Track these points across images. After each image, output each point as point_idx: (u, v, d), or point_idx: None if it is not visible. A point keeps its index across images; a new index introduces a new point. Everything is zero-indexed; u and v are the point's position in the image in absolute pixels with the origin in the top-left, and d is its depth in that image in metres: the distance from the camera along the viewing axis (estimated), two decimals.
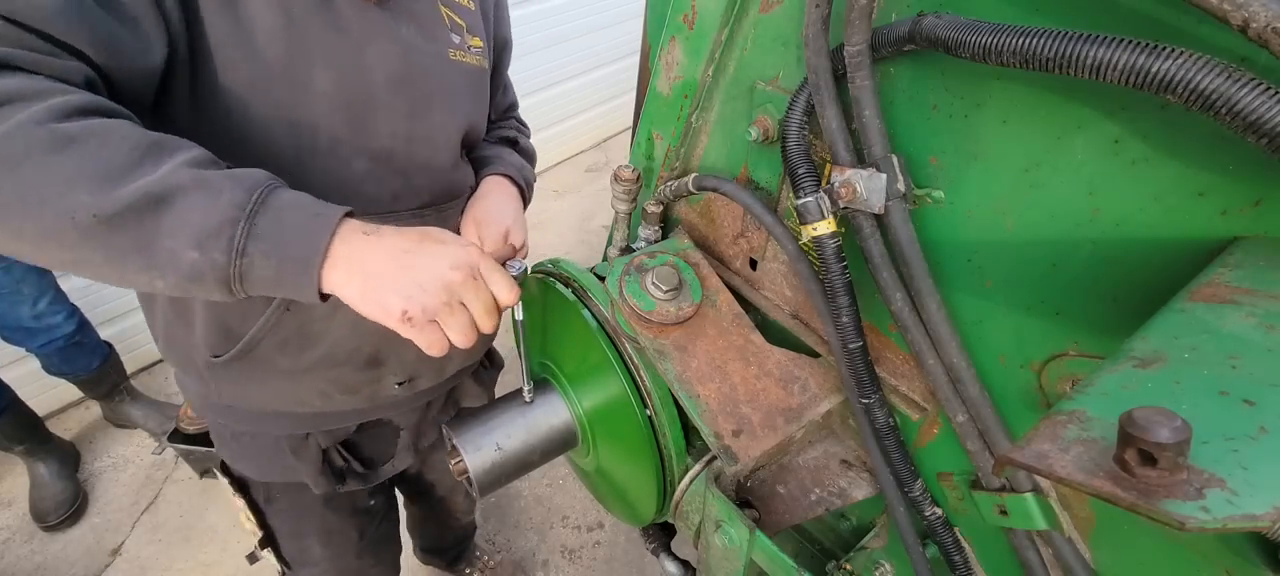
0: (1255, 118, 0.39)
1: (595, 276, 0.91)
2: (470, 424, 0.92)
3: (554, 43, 3.80)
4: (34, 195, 0.54)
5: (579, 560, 2.10)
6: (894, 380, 0.79)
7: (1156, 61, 0.42)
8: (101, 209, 0.55)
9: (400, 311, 0.65)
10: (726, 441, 0.76)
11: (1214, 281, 0.45)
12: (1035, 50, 0.48)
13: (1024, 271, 0.62)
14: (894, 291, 0.67)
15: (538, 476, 2.31)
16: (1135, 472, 0.32)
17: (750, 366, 0.83)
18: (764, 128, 0.80)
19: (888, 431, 0.76)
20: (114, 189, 0.56)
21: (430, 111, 0.90)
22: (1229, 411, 0.35)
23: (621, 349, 0.85)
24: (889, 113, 0.67)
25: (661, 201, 0.95)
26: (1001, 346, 0.66)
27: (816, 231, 0.69)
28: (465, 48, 0.96)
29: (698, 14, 0.82)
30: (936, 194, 0.66)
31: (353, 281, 0.64)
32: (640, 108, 1.02)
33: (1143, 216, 0.53)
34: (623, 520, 1.11)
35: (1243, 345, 0.39)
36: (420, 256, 0.67)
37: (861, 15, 0.60)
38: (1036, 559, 0.70)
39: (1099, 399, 0.38)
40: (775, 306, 0.91)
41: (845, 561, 0.92)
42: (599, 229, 3.59)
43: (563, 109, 4.09)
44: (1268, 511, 0.29)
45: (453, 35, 0.94)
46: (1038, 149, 0.57)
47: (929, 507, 0.77)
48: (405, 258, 0.67)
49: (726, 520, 0.81)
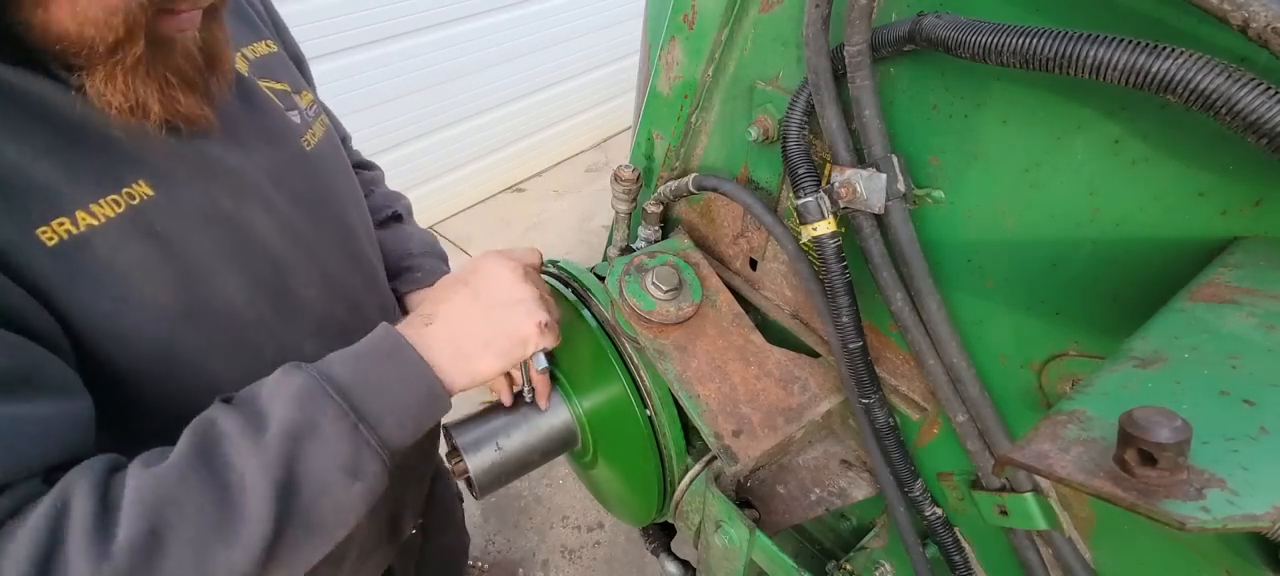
0: (1255, 118, 0.39)
1: (595, 276, 0.91)
2: (470, 424, 0.92)
3: (554, 43, 3.80)
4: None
5: (579, 560, 2.10)
6: (894, 380, 0.79)
7: (1156, 61, 0.42)
8: (252, 550, 0.53)
9: (539, 326, 0.69)
10: (726, 441, 0.76)
11: (1214, 281, 0.45)
12: (1035, 50, 0.48)
13: (1024, 271, 0.62)
14: (894, 291, 0.66)
15: (538, 476, 2.31)
16: (1135, 472, 0.32)
17: (750, 366, 0.83)
18: (764, 128, 0.80)
19: (888, 431, 0.76)
20: (238, 529, 0.53)
21: (336, 242, 0.82)
22: (1229, 411, 0.35)
23: (621, 349, 0.85)
24: (889, 113, 0.67)
25: (661, 201, 0.95)
26: (1001, 346, 0.66)
27: (816, 231, 0.69)
28: (307, 121, 0.84)
29: (698, 14, 0.82)
30: (936, 194, 0.66)
31: (461, 363, 0.66)
32: (640, 108, 1.01)
33: (1143, 216, 0.53)
34: (623, 520, 1.11)
35: (1243, 345, 0.39)
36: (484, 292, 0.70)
37: (861, 15, 0.60)
38: (1036, 559, 0.70)
39: (1099, 399, 0.38)
40: (775, 306, 0.91)
41: (845, 561, 0.92)
42: (599, 229, 3.59)
43: (563, 109, 4.09)
44: (1268, 511, 0.29)
45: (291, 117, 0.82)
46: (1038, 149, 0.57)
47: (929, 507, 0.77)
48: (478, 303, 0.69)
49: (726, 520, 0.81)
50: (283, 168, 0.77)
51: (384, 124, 3.24)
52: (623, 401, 0.86)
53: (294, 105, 0.83)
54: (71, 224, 0.57)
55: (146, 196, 0.62)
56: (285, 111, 0.81)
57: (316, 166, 0.83)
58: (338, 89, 2.97)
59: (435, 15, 3.16)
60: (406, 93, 3.24)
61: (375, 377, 0.61)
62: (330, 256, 0.81)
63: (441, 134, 3.51)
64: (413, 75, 3.22)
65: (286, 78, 0.85)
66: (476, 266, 0.73)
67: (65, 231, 0.57)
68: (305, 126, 0.83)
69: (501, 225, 3.71)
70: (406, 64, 3.16)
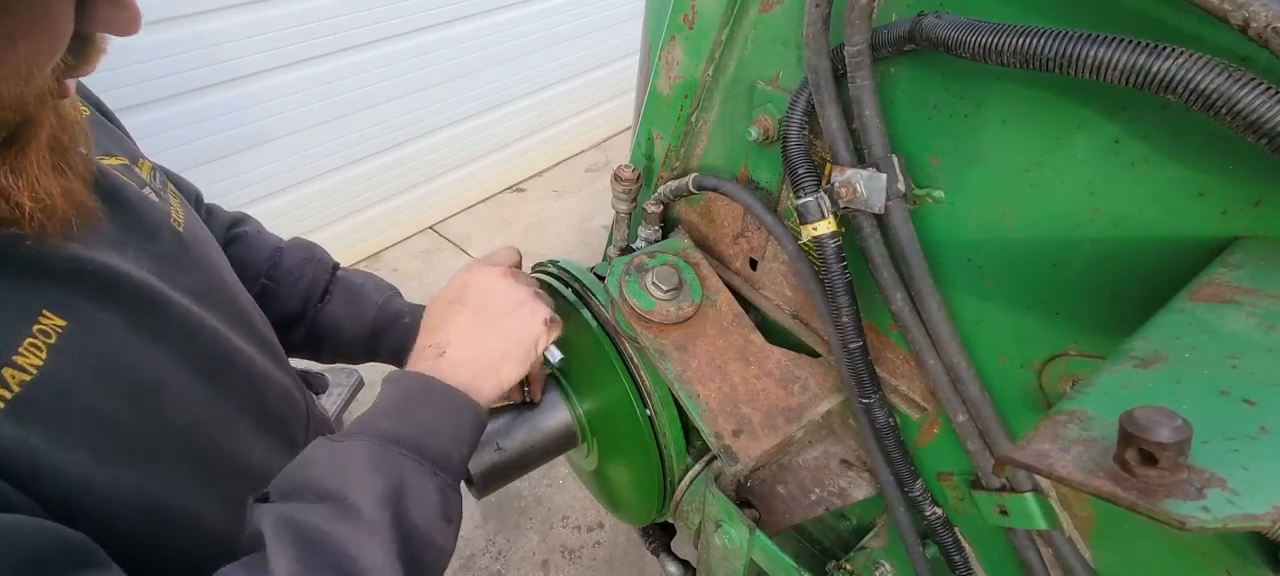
0: (1255, 118, 0.39)
1: (595, 276, 0.91)
2: None
3: (554, 43, 3.80)
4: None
5: (579, 560, 2.10)
6: (894, 380, 0.79)
7: (1156, 61, 0.42)
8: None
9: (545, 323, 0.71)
10: (726, 441, 0.76)
11: (1214, 281, 0.45)
12: (1035, 50, 0.48)
13: (1024, 271, 0.62)
14: (894, 291, 0.67)
15: (538, 476, 2.31)
16: (1135, 472, 0.32)
17: (750, 366, 0.83)
18: (764, 127, 0.80)
19: (888, 431, 0.76)
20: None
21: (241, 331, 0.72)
22: (1229, 411, 0.35)
23: (621, 349, 0.85)
24: (889, 112, 0.67)
25: (661, 201, 0.95)
26: (1001, 346, 0.66)
27: (816, 231, 0.69)
28: (163, 199, 0.70)
29: (698, 14, 0.82)
30: (937, 194, 0.66)
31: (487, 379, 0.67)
32: (640, 108, 1.01)
33: (1143, 216, 0.53)
34: (623, 520, 1.11)
35: (1243, 345, 0.39)
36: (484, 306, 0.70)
37: (861, 15, 0.60)
38: (1036, 559, 0.70)
39: (1099, 398, 0.38)
40: (775, 306, 0.91)
41: (845, 561, 0.91)
42: (599, 229, 3.59)
43: (562, 109, 4.10)
44: (1268, 511, 0.29)
45: (148, 194, 0.68)
46: (1038, 149, 0.57)
47: (929, 507, 0.77)
48: (482, 320, 0.70)
49: (726, 520, 0.81)
50: (165, 263, 0.65)
51: (384, 124, 3.25)
52: (623, 401, 0.86)
53: (141, 181, 0.69)
54: (4, 387, 0.47)
55: (60, 328, 0.51)
56: (140, 191, 0.67)
57: (194, 251, 0.70)
58: (339, 89, 2.98)
59: (435, 15, 3.16)
60: (406, 93, 3.25)
61: (425, 421, 0.60)
62: (242, 348, 0.72)
63: (441, 134, 3.52)
64: (413, 75, 3.22)
65: (114, 146, 0.69)
66: (465, 283, 0.72)
67: (0, 398, 0.46)
68: (164, 204, 0.70)
69: (501, 225, 3.72)
70: (406, 64, 3.16)
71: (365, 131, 3.18)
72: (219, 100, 2.60)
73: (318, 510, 0.52)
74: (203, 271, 0.70)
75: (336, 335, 0.97)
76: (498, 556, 2.09)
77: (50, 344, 0.50)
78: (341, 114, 3.04)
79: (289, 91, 2.80)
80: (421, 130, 3.41)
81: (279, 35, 2.64)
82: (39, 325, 0.50)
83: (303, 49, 2.74)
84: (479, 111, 3.62)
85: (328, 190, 3.17)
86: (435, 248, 3.58)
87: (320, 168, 3.09)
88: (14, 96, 0.44)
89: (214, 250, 0.77)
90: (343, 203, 3.27)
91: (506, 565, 2.07)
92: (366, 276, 1.03)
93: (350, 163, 3.20)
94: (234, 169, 2.78)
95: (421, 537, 0.55)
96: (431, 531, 0.56)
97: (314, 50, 2.78)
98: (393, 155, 3.35)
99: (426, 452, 0.58)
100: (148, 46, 2.34)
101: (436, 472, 0.58)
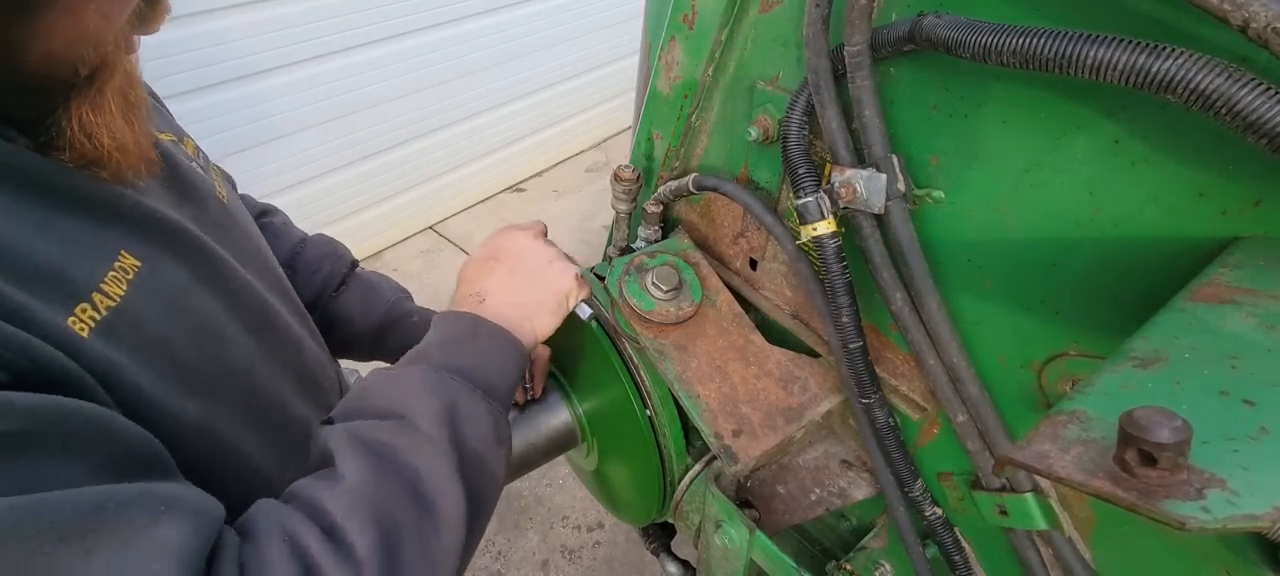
0: (1255, 118, 0.39)
1: (595, 276, 0.91)
2: None
3: (554, 43, 3.80)
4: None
5: (579, 560, 2.10)
6: (894, 380, 0.79)
7: (1156, 61, 0.42)
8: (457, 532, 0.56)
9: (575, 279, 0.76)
10: (726, 441, 0.76)
11: (1214, 281, 0.45)
12: (1035, 50, 0.48)
13: (1024, 271, 0.62)
14: (894, 291, 0.67)
15: (538, 476, 2.31)
16: (1135, 472, 0.32)
17: (750, 366, 0.83)
18: (764, 128, 0.80)
19: (888, 431, 0.76)
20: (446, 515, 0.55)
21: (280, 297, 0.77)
22: (1229, 411, 0.35)
23: (621, 349, 0.85)
24: (889, 113, 0.67)
25: (661, 201, 0.95)
26: (1001, 346, 0.66)
27: (816, 231, 0.69)
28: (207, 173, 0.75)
29: (698, 14, 0.82)
30: (936, 194, 0.66)
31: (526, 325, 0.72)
32: (640, 108, 1.01)
33: (1143, 216, 0.53)
34: (623, 520, 1.11)
35: (1243, 345, 0.39)
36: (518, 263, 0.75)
37: (861, 15, 0.60)
38: (1036, 559, 0.70)
39: (1099, 399, 0.38)
40: (775, 306, 0.91)
41: (845, 561, 0.91)
42: (599, 229, 3.60)
43: (563, 109, 4.10)
44: (1268, 511, 0.29)
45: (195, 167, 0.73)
46: (1038, 149, 0.57)
47: (929, 507, 0.77)
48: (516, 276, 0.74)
49: (726, 520, 0.81)
50: (214, 228, 0.70)
51: (384, 124, 3.25)
52: (623, 401, 0.86)
53: (188, 156, 0.74)
54: (93, 310, 0.51)
55: (136, 267, 0.56)
56: (190, 163, 0.72)
57: (238, 221, 0.76)
58: (339, 88, 2.98)
59: (435, 15, 3.16)
60: (407, 93, 3.25)
61: (473, 354, 0.64)
62: (282, 312, 0.77)
63: (442, 134, 3.52)
64: (413, 75, 3.22)
65: (164, 124, 0.74)
66: (499, 243, 0.77)
67: (90, 318, 0.51)
68: (209, 178, 0.75)
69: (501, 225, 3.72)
70: (406, 64, 3.17)
71: (365, 131, 3.18)
72: (219, 100, 2.61)
73: (381, 426, 0.57)
74: (247, 240, 0.76)
75: (346, 325, 1.01)
76: (498, 556, 2.09)
77: (129, 280, 0.55)
78: (342, 113, 3.03)
79: (289, 91, 2.80)
80: (421, 130, 3.41)
81: (280, 34, 2.64)
82: (119, 262, 0.55)
83: (303, 49, 2.74)
84: (479, 111, 3.62)
85: (328, 189, 3.17)
86: (435, 247, 3.58)
87: (320, 167, 3.09)
88: (97, 33, 0.48)
89: (252, 225, 0.82)
90: (343, 202, 3.27)
91: (506, 565, 2.07)
92: (382, 277, 1.08)
93: (350, 162, 3.20)
94: (233, 169, 2.77)
95: (477, 458, 0.60)
96: (485, 452, 0.60)
97: (313, 51, 2.78)
98: (393, 155, 3.35)
99: (476, 379, 0.63)
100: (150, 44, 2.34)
101: (488, 399, 0.62)
